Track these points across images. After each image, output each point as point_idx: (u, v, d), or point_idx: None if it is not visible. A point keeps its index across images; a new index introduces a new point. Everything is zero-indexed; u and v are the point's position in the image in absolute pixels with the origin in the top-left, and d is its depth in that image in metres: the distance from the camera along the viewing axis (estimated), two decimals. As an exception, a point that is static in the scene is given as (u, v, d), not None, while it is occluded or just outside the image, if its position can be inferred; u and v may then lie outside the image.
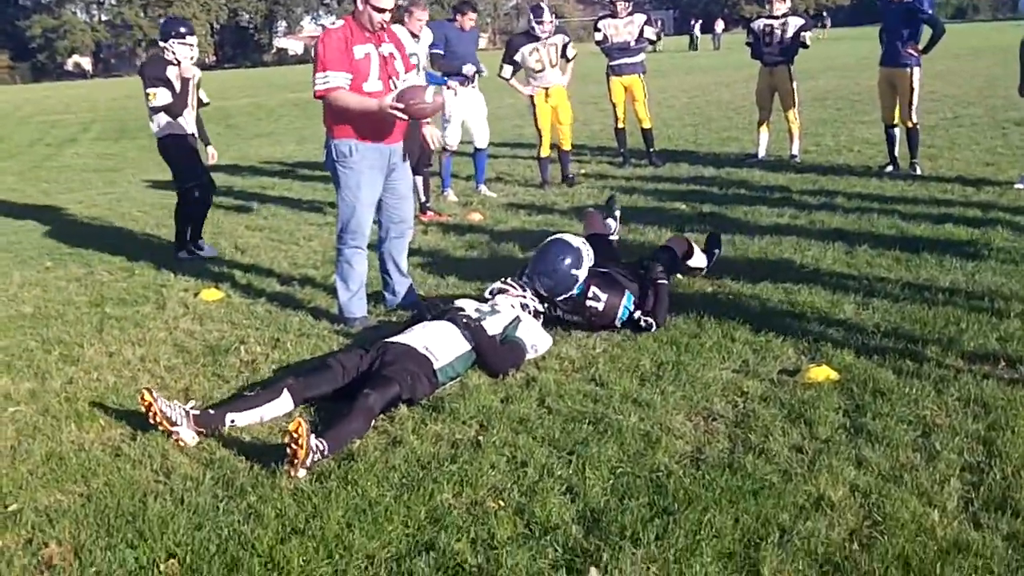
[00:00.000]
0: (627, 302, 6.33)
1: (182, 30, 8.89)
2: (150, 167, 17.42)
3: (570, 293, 6.34)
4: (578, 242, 6.47)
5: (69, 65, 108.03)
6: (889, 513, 3.83)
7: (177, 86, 8.87)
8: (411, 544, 3.82)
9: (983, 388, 4.97)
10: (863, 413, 4.78)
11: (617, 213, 8.14)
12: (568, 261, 6.31)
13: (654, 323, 6.23)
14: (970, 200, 9.70)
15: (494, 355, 5.62)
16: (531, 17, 11.90)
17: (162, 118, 8.99)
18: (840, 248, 7.95)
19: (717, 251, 7.65)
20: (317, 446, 4.49)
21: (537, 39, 11.76)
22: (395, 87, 6.49)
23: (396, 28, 7.74)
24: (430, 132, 7.56)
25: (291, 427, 4.39)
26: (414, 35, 9.71)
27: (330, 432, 4.69)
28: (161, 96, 8.85)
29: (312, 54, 6.68)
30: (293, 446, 4.37)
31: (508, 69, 11.93)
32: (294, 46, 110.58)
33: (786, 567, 3.52)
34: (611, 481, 4.24)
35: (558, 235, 6.64)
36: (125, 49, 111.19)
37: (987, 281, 6.80)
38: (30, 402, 5.63)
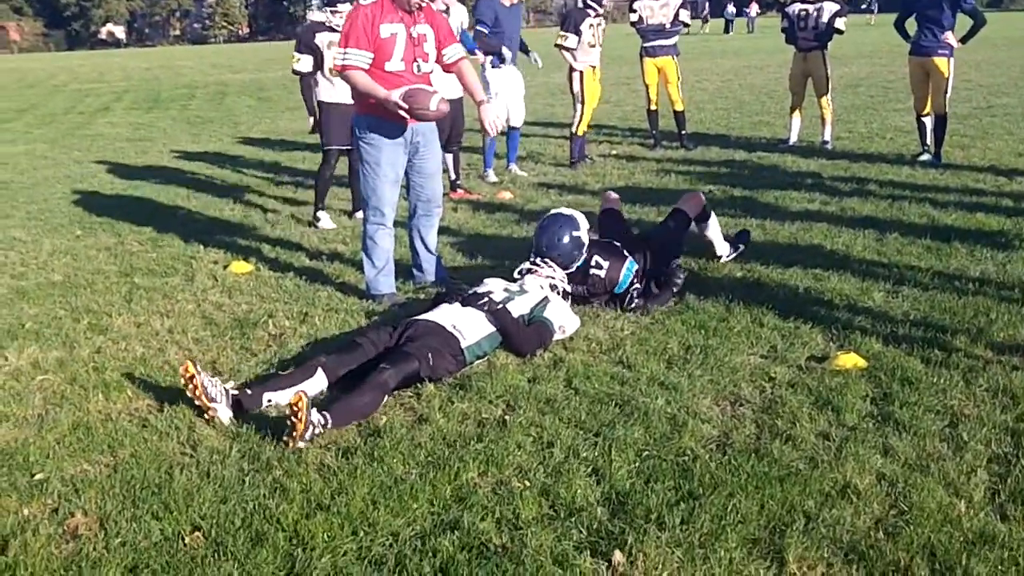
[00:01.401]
0: (629, 267, 6.50)
1: None
2: (182, 138, 17.53)
3: (579, 261, 6.48)
4: (569, 211, 6.65)
5: (103, 34, 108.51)
6: (915, 502, 3.81)
7: (327, 54, 8.92)
8: (436, 522, 3.83)
9: (1012, 379, 4.94)
10: (891, 401, 4.77)
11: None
12: (568, 230, 6.45)
13: (644, 307, 6.35)
14: (1002, 190, 9.63)
15: (519, 337, 5.61)
16: None
17: (323, 82, 9.11)
18: (870, 235, 7.91)
19: (743, 246, 7.62)
20: (319, 420, 4.54)
21: (594, 15, 11.83)
22: (419, 70, 6.48)
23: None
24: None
25: (292, 400, 4.45)
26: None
27: (337, 404, 4.74)
28: (304, 62, 9.09)
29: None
30: (293, 419, 4.43)
31: (573, 39, 11.81)
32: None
33: (811, 554, 3.51)
34: (637, 464, 4.23)
35: (551, 212, 6.77)
36: (159, 19, 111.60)
37: (1018, 272, 6.75)
38: (58, 371, 5.66)
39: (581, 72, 11.96)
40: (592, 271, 6.49)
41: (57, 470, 4.39)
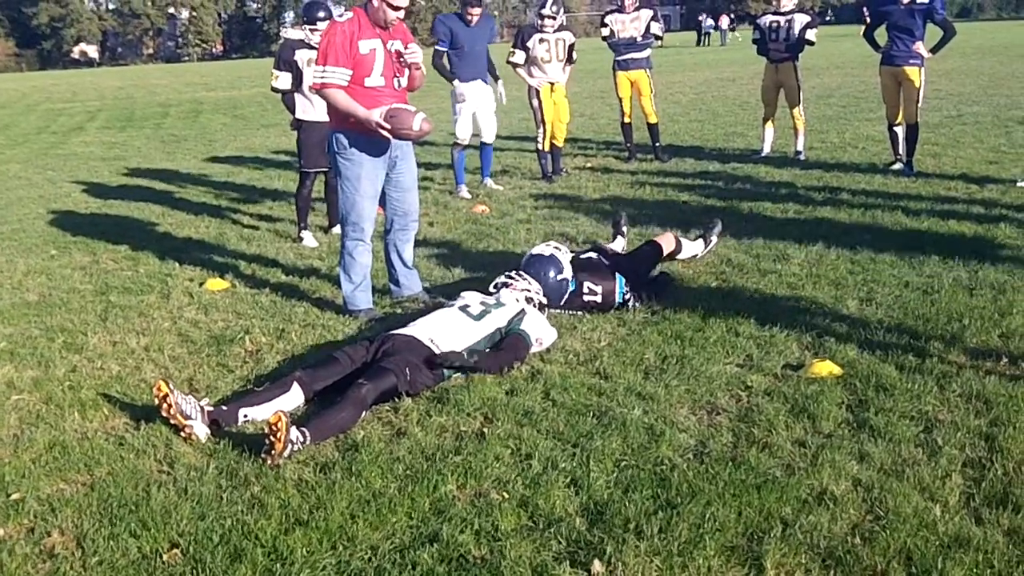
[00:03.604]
0: (620, 286, 6.59)
1: (319, 14, 8.85)
2: (156, 156, 17.47)
3: (566, 295, 6.55)
4: (549, 250, 6.68)
5: (76, 53, 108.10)
6: (891, 508, 3.83)
7: (305, 71, 8.80)
8: (415, 535, 3.83)
9: (985, 384, 4.98)
10: (866, 408, 4.80)
11: (624, 229, 8.17)
12: (552, 272, 6.51)
13: (638, 303, 6.56)
14: (973, 197, 9.71)
15: (494, 364, 5.58)
16: (536, 10, 11.87)
17: (301, 101, 9.07)
18: (844, 244, 7.95)
19: (715, 238, 7.84)
20: (298, 437, 4.54)
21: (551, 30, 11.72)
22: (399, 85, 6.50)
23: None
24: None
25: (272, 419, 4.43)
26: None
27: (315, 420, 4.74)
28: (283, 80, 9.02)
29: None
30: (271, 438, 4.42)
31: (520, 55, 11.75)
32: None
33: (788, 561, 3.53)
34: (615, 474, 4.24)
35: (530, 252, 6.77)
36: (132, 37, 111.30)
37: (990, 278, 6.80)
38: (33, 390, 5.64)
39: (537, 89, 11.94)
40: (587, 298, 6.56)
41: (33, 489, 4.36)
